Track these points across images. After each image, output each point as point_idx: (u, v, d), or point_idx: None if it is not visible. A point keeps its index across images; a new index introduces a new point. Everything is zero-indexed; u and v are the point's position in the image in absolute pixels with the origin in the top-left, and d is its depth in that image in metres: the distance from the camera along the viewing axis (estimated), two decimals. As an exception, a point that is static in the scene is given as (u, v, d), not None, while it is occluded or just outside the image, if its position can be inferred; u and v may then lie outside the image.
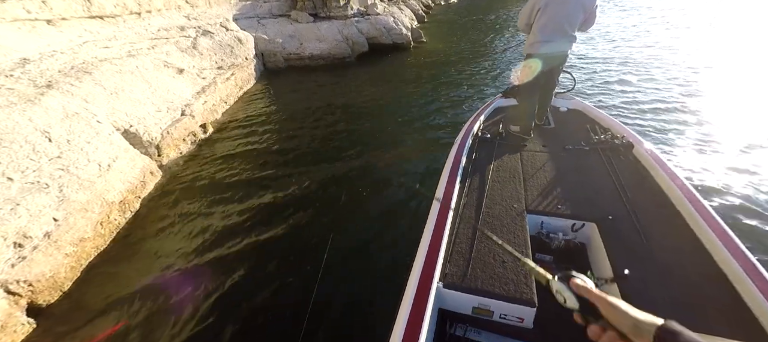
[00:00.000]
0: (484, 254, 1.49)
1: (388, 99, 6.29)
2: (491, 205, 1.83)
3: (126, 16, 5.46)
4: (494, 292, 1.32)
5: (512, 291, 1.32)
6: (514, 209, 1.80)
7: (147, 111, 4.05)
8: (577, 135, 2.62)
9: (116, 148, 3.29)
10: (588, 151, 2.36)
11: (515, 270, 1.39)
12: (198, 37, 6.34)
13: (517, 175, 2.13)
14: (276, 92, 6.81)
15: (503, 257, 1.46)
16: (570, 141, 2.52)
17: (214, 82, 5.57)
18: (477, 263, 1.45)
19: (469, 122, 2.81)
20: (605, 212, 1.76)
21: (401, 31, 9.01)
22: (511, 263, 1.43)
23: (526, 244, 1.56)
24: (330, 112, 5.71)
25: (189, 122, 4.38)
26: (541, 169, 2.19)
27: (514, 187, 2.00)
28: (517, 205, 1.83)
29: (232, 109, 5.74)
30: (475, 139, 2.53)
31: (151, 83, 4.51)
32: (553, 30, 2.40)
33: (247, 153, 4.33)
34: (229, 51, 6.72)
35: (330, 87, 6.99)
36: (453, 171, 2.06)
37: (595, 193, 1.92)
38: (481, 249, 1.52)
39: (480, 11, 17.51)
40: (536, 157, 2.35)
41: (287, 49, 8.01)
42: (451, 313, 1.41)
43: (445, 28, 13.32)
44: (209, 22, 6.82)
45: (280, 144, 4.59)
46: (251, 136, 4.81)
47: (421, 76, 7.52)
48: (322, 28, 8.47)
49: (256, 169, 3.94)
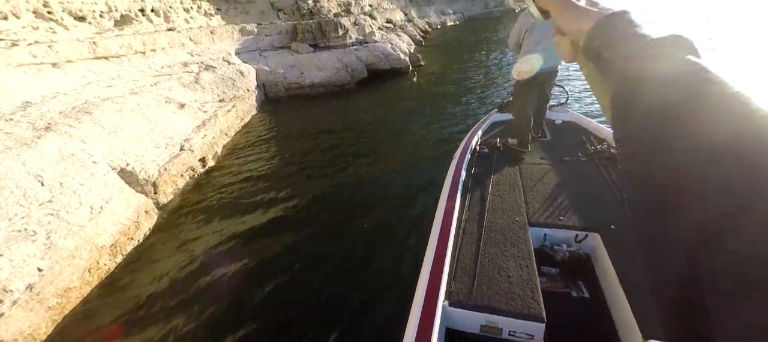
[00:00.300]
0: (488, 269, 1.47)
1: (388, 120, 6.37)
2: (493, 219, 1.80)
3: (131, 55, 5.61)
4: (501, 309, 1.28)
5: (520, 306, 1.28)
6: (517, 222, 1.77)
7: (145, 148, 4.03)
8: (574, 146, 2.64)
9: (110, 189, 3.23)
10: (585, 162, 2.38)
11: (521, 284, 1.38)
12: (201, 72, 6.48)
13: (516, 188, 2.12)
14: (277, 121, 6.85)
15: (508, 272, 1.44)
16: (567, 152, 2.54)
17: (215, 115, 5.61)
18: (482, 279, 1.42)
19: (467, 138, 2.81)
20: (607, 222, 1.75)
21: (399, 57, 9.15)
22: (516, 277, 1.41)
23: (530, 256, 1.52)
24: (331, 137, 5.70)
25: (188, 157, 4.35)
26: (540, 181, 2.19)
27: (515, 200, 1.99)
28: (519, 218, 1.81)
29: (233, 141, 5.74)
30: (474, 154, 2.54)
31: (151, 120, 4.53)
32: (542, 49, 2.49)
33: (246, 186, 4.25)
34: (231, 84, 6.83)
35: (330, 112, 7.04)
36: (453, 186, 2.04)
37: (596, 203, 1.92)
38: (485, 264, 1.50)
39: (475, 33, 17.92)
40: (535, 169, 2.36)
41: (288, 78, 8.14)
42: (458, 332, 1.36)
43: (443, 51, 13.58)
44: (212, 57, 7.00)
45: (280, 172, 4.52)
46: (251, 167, 4.75)
47: (420, 96, 7.61)
48: (321, 57, 8.65)
49: (255, 203, 3.84)
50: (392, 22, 14.54)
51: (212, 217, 3.63)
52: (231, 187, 4.23)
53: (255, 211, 3.67)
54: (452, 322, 1.35)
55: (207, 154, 4.80)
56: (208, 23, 7.88)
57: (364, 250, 2.93)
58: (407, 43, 12.50)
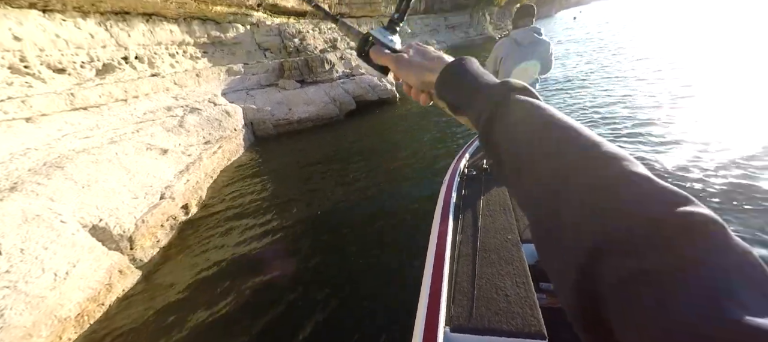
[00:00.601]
0: (486, 290, 1.48)
1: (378, 148, 6.33)
2: (486, 239, 1.82)
3: (111, 103, 5.50)
4: (502, 329, 1.28)
5: (520, 325, 1.29)
6: (509, 240, 1.78)
7: (121, 200, 3.80)
8: None
9: (79, 250, 2.96)
10: None
11: (519, 302, 1.39)
12: (185, 116, 6.37)
13: (507, 206, 2.15)
14: (265, 158, 6.70)
15: (506, 290, 1.45)
16: None
17: (199, 157, 5.44)
18: (481, 301, 1.42)
19: (455, 161, 2.87)
20: None
21: (386, 87, 9.27)
22: (514, 295, 1.42)
23: (526, 273, 1.53)
24: (320, 169, 5.57)
25: (168, 206, 4.11)
26: None
27: (506, 218, 2.02)
28: (512, 236, 1.83)
29: (219, 183, 5.53)
30: (463, 177, 2.59)
31: (129, 169, 4.32)
32: (517, 75, 2.62)
33: (231, 231, 4.01)
34: (217, 124, 6.73)
35: (320, 145, 6.96)
36: (445, 210, 2.06)
37: None
38: (483, 285, 1.50)
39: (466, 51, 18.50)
40: None
41: (276, 115, 8.10)
42: None
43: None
44: (197, 99, 6.94)
45: (267, 212, 4.30)
46: (237, 209, 4.53)
47: (408, 124, 7.63)
48: (309, 92, 8.70)
49: (241, 246, 3.60)
50: (377, 54, 15.00)
51: (193, 268, 3.35)
52: (214, 234, 3.97)
53: (239, 259, 3.42)
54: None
55: (190, 200, 4.57)
56: (194, 66, 7.91)
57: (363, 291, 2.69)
58: (393, 73, 12.80)
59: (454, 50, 24.43)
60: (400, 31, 0.56)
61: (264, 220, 4.14)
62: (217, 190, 5.25)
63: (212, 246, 3.75)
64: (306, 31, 10.62)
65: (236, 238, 3.85)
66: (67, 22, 5.40)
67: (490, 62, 2.83)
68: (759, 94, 5.63)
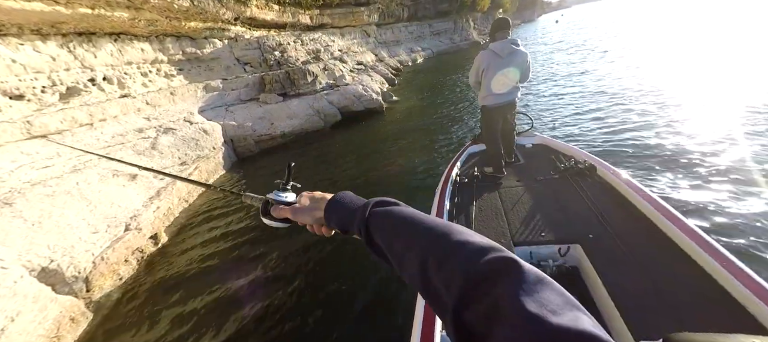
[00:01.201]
0: None
1: (367, 158, 6.08)
2: None
3: (75, 129, 5.13)
4: None
5: None
6: (502, 244, 1.89)
7: (78, 236, 3.44)
8: (545, 166, 2.81)
9: (20, 300, 2.60)
10: (557, 179, 2.54)
11: None
12: (158, 137, 6.03)
13: (498, 211, 2.22)
14: (247, 176, 6.39)
15: None
16: (540, 172, 2.71)
17: (173, 181, 5.09)
18: None
19: (447, 170, 2.94)
20: (585, 232, 1.85)
21: (371, 97, 9.08)
22: None
23: None
24: (307, 186, 5.26)
25: (134, 238, 3.77)
26: (519, 202, 2.30)
27: (498, 223, 2.08)
28: (504, 240, 1.90)
29: (195, 207, 5.18)
30: (455, 185, 2.65)
31: (90, 200, 3.97)
32: (499, 85, 2.79)
33: (207, 259, 3.68)
34: (194, 144, 6.40)
35: (304, 159, 6.67)
36: (438, 216, 2.11)
37: (573, 216, 2.03)
38: None
39: (443, 69, 18.59)
40: (513, 191, 2.49)
41: (257, 131, 7.80)
42: None
43: (415, 87, 13.80)
44: (172, 119, 6.61)
45: (248, 236, 3.98)
46: (214, 234, 4.20)
47: (395, 133, 7.44)
48: (292, 105, 8.44)
49: (216, 279, 3.27)
50: (363, 64, 14.84)
51: (160, 306, 3.01)
52: (187, 266, 3.64)
53: (214, 293, 3.09)
54: None
55: (160, 229, 4.22)
56: (168, 84, 7.58)
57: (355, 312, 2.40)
58: (380, 82, 12.63)
59: (440, 56, 24.52)
60: (380, 36, 0.51)
61: (243, 247, 3.82)
62: (193, 215, 4.91)
63: (184, 279, 3.42)
64: (287, 43, 10.40)
65: (211, 269, 3.52)
66: (25, 46, 5.06)
67: (473, 72, 2.96)
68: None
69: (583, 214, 2.02)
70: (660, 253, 1.60)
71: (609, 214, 1.95)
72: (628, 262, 1.58)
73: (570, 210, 2.09)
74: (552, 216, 2.06)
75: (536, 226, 1.99)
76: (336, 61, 11.95)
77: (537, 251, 1.88)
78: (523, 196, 2.37)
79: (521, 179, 2.68)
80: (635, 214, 1.93)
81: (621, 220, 1.89)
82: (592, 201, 2.11)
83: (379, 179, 5.04)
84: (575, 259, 1.84)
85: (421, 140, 6.66)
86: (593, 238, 1.78)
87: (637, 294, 1.42)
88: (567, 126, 6.08)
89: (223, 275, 3.35)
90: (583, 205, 2.11)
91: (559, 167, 2.67)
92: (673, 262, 1.54)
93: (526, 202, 2.28)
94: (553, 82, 9.84)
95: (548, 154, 3.05)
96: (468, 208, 2.29)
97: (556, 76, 10.52)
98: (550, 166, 2.77)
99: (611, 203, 2.08)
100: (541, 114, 7.03)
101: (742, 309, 1.28)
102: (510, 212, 2.19)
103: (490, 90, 2.81)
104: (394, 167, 5.41)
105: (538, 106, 7.61)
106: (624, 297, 1.41)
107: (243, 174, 6.61)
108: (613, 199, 2.14)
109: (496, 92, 2.81)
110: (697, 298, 1.35)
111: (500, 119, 2.92)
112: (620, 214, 1.95)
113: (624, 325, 1.32)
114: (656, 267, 1.52)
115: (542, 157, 3.02)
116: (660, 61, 9.79)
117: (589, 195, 2.18)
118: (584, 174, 2.48)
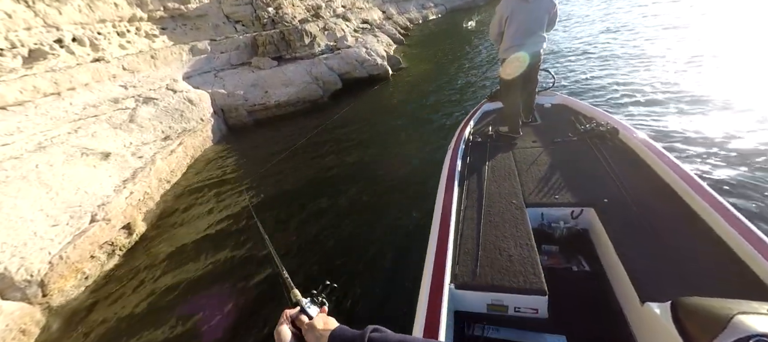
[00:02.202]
0: (490, 251, 1.52)
1: (370, 133, 5.54)
2: (491, 204, 1.85)
3: (38, 99, 4.57)
4: (505, 286, 1.34)
5: (522, 282, 1.33)
6: (514, 204, 1.82)
7: (33, 230, 3.03)
8: (564, 127, 2.69)
9: (-49, 316, 2.23)
10: (576, 141, 2.44)
11: (522, 262, 1.43)
12: (137, 108, 5.44)
13: (511, 172, 2.16)
14: (239, 150, 5.85)
15: (509, 252, 1.49)
16: (557, 134, 2.59)
17: (152, 160, 4.60)
18: (485, 261, 1.47)
19: (460, 128, 2.82)
20: (600, 196, 1.80)
21: (376, 62, 8.16)
22: (517, 256, 1.46)
23: (529, 236, 1.57)
24: (302, 165, 4.74)
25: (101, 230, 3.35)
26: (534, 164, 2.23)
27: (511, 183, 2.03)
28: (516, 201, 1.85)
29: (179, 188, 4.73)
30: (468, 144, 2.58)
31: (51, 186, 3.51)
32: (523, 34, 2.53)
33: (186, 252, 3.29)
34: (179, 115, 5.81)
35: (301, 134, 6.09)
36: (450, 176, 2.08)
37: (589, 180, 1.97)
38: (487, 247, 1.55)
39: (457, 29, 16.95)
40: (528, 152, 2.41)
41: (250, 100, 7.12)
42: (467, 314, 1.42)
43: (426, 49, 12.59)
44: (153, 87, 5.96)
45: (234, 225, 3.57)
46: (195, 223, 3.78)
47: (402, 103, 6.73)
48: (287, 71, 7.63)
49: (196, 275, 2.89)
50: (369, 23, 13.51)
51: (131, 310, 2.66)
52: (168, 260, 3.25)
53: (193, 291, 2.71)
54: (460, 303, 1.41)
55: (135, 217, 3.80)
56: (150, 46, 6.82)
57: None
58: (387, 43, 11.50)
59: (453, 14, 22.46)
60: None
61: (228, 239, 3.40)
62: (176, 199, 4.47)
63: (163, 275, 3.04)
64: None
65: (191, 264, 3.13)
66: (-30, -1, 4.35)
67: (494, 23, 2.72)
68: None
69: (600, 178, 1.96)
70: (678, 222, 1.54)
71: (627, 179, 1.87)
72: (642, 228, 1.53)
73: (586, 173, 2.04)
74: (567, 179, 2.01)
75: (550, 188, 1.95)
76: (338, 19, 10.79)
77: (548, 213, 1.85)
78: (538, 158, 2.30)
79: (538, 140, 2.58)
80: (656, 181, 1.85)
81: (640, 186, 1.82)
82: (610, 165, 2.04)
83: (385, 177, 4.13)
84: (587, 223, 1.82)
85: (433, 117, 5.91)
86: (608, 203, 1.73)
87: (648, 259, 1.37)
88: (592, 88, 5.61)
89: (207, 275, 2.95)
90: (600, 169, 2.04)
91: (578, 129, 2.56)
92: (692, 231, 1.48)
93: (542, 163, 2.22)
94: (580, 38, 8.68)
95: (568, 114, 2.92)
96: (480, 167, 2.22)
97: (584, 30, 9.28)
98: (569, 127, 2.67)
99: (631, 168, 2.01)
100: (566, 71, 6.25)
101: (763, 286, 1.20)
102: (523, 173, 2.14)
103: (513, 41, 2.56)
104: (401, 158, 4.61)
105: (562, 63, 6.73)
106: (634, 261, 1.37)
107: (234, 145, 6.07)
108: (633, 163, 2.05)
109: (519, 43, 2.55)
110: (713, 270, 1.29)
111: (523, 76, 2.67)
112: (639, 180, 1.88)
113: (631, 287, 1.29)
114: (672, 235, 1.47)
115: (561, 118, 2.89)
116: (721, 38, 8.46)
117: (608, 159, 2.11)
118: (605, 137, 2.37)
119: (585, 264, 1.66)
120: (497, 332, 1.39)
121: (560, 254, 1.73)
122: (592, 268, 1.63)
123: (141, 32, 6.92)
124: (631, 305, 1.31)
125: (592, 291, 1.53)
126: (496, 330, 1.39)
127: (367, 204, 3.64)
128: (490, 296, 1.33)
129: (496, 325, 1.40)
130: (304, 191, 4.13)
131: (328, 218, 3.48)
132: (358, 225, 3.28)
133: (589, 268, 1.64)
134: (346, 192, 3.93)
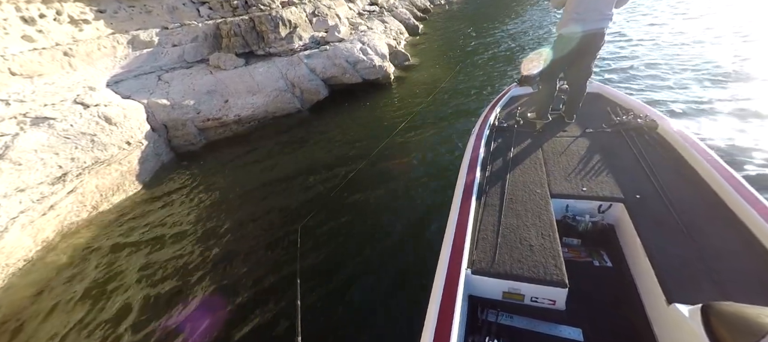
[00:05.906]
0: (510, 239, 1.49)
1: (362, 185, 3.60)
2: (514, 191, 1.81)
3: None
4: (523, 276, 1.31)
5: (542, 273, 1.30)
6: (538, 194, 1.77)
7: None
8: (598, 117, 2.54)
9: None
10: (610, 133, 2.31)
11: (543, 253, 1.38)
12: (19, 135, 3.86)
13: (537, 160, 2.10)
14: (178, 189, 4.21)
15: (530, 241, 1.45)
16: (590, 124, 2.45)
17: (5, 230, 3.04)
18: (504, 249, 1.44)
19: (485, 113, 2.73)
20: (632, 191, 1.72)
21: (373, 63, 6.18)
22: (538, 246, 1.42)
23: (552, 227, 1.53)
24: (263, 221, 3.08)
25: None
26: (562, 154, 2.14)
27: (536, 172, 1.97)
28: (541, 190, 1.80)
29: (49, 268, 3.16)
30: (493, 129, 2.48)
31: None
32: (588, 6, 2.13)
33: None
34: (88, 142, 4.21)
35: (265, 166, 4.38)
36: (473, 160, 2.04)
37: (620, 174, 1.88)
38: (507, 234, 1.52)
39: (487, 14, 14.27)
40: (556, 141, 2.31)
41: (203, 112, 5.42)
42: (481, 299, 1.40)
43: (444, 41, 10.27)
44: (52, 100, 4.34)
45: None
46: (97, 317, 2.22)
47: (405, 122, 4.71)
48: (256, 73, 5.82)
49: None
50: (378, 4, 11.28)
51: None
52: None
53: None
54: (475, 289, 1.38)
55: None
56: (73, 37, 5.16)
57: None
58: (397, 31, 9.35)
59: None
60: None
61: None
62: (32, 293, 2.90)
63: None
64: (262, -29, 7.29)
65: None
66: None
67: None
68: None
69: (632, 173, 1.82)
70: (716, 225, 1.42)
71: (663, 176, 1.73)
72: (675, 227, 1.43)
73: (619, 167, 1.89)
74: (597, 171, 1.89)
75: (578, 179, 1.83)
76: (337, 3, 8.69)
77: (574, 205, 1.75)
78: (568, 148, 2.15)
79: (568, 129, 2.40)
80: (695, 180, 1.70)
81: (677, 184, 1.69)
82: (646, 160, 1.89)
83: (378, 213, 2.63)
84: (614, 218, 1.74)
85: (445, 146, 4.01)
86: (640, 199, 1.62)
87: (679, 260, 1.29)
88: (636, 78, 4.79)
89: None
90: (634, 164, 1.89)
91: (613, 120, 2.34)
92: (731, 236, 1.36)
93: (571, 154, 2.09)
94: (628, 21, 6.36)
95: (603, 104, 2.68)
96: (505, 154, 2.15)
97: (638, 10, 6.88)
98: (604, 117, 2.45)
99: (669, 164, 1.85)
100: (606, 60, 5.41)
101: None
102: (550, 162, 2.03)
103: (574, 14, 2.11)
104: (401, 216, 2.94)
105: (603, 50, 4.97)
106: (663, 260, 1.29)
107: (167, 179, 4.44)
108: (671, 159, 1.89)
109: (580, 18, 2.10)
110: (751, 277, 1.19)
111: (577, 54, 2.24)
112: (677, 177, 1.74)
113: (657, 285, 1.23)
114: (707, 238, 1.36)
115: (595, 107, 2.65)
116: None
117: (644, 153, 1.94)
118: (642, 130, 2.17)
119: (607, 260, 1.64)
120: (510, 320, 1.37)
121: (581, 247, 1.70)
122: (615, 265, 1.60)
123: (63, 16, 5.24)
124: (656, 305, 1.27)
125: (612, 287, 1.51)
126: (510, 317, 1.38)
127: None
128: (507, 284, 1.31)
129: (510, 313, 1.38)
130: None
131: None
132: None
133: (611, 265, 1.61)
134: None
